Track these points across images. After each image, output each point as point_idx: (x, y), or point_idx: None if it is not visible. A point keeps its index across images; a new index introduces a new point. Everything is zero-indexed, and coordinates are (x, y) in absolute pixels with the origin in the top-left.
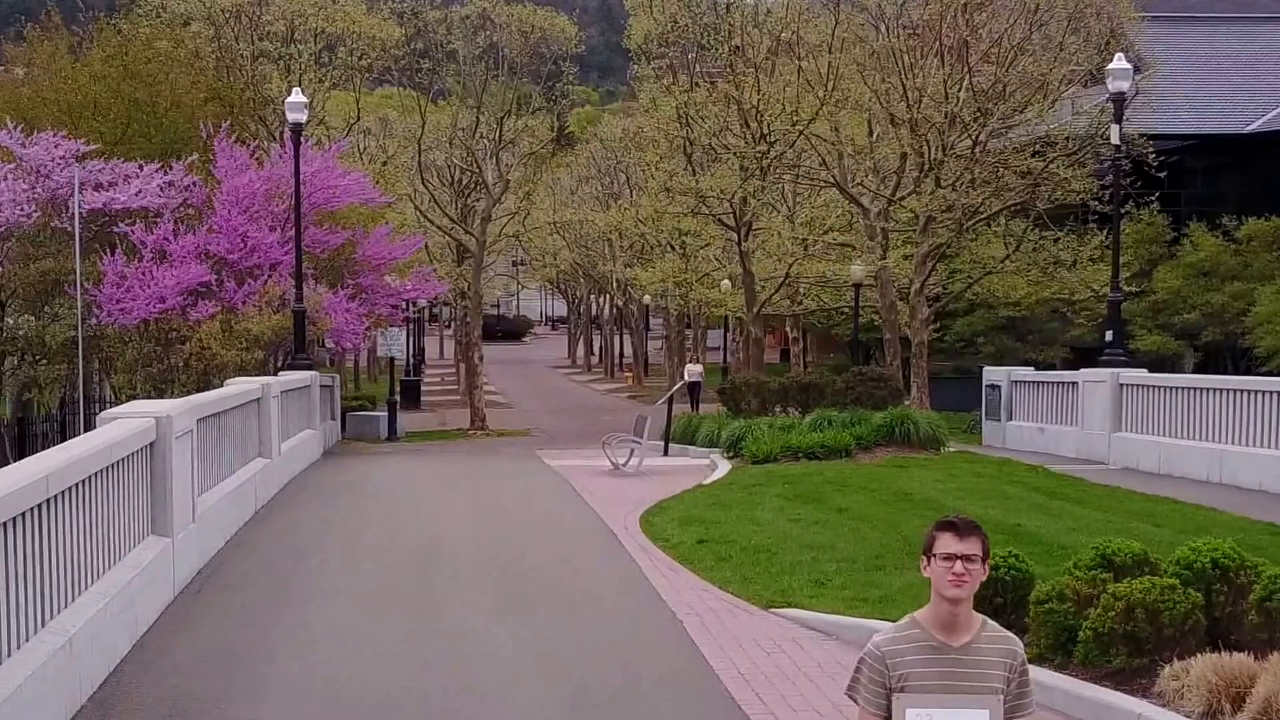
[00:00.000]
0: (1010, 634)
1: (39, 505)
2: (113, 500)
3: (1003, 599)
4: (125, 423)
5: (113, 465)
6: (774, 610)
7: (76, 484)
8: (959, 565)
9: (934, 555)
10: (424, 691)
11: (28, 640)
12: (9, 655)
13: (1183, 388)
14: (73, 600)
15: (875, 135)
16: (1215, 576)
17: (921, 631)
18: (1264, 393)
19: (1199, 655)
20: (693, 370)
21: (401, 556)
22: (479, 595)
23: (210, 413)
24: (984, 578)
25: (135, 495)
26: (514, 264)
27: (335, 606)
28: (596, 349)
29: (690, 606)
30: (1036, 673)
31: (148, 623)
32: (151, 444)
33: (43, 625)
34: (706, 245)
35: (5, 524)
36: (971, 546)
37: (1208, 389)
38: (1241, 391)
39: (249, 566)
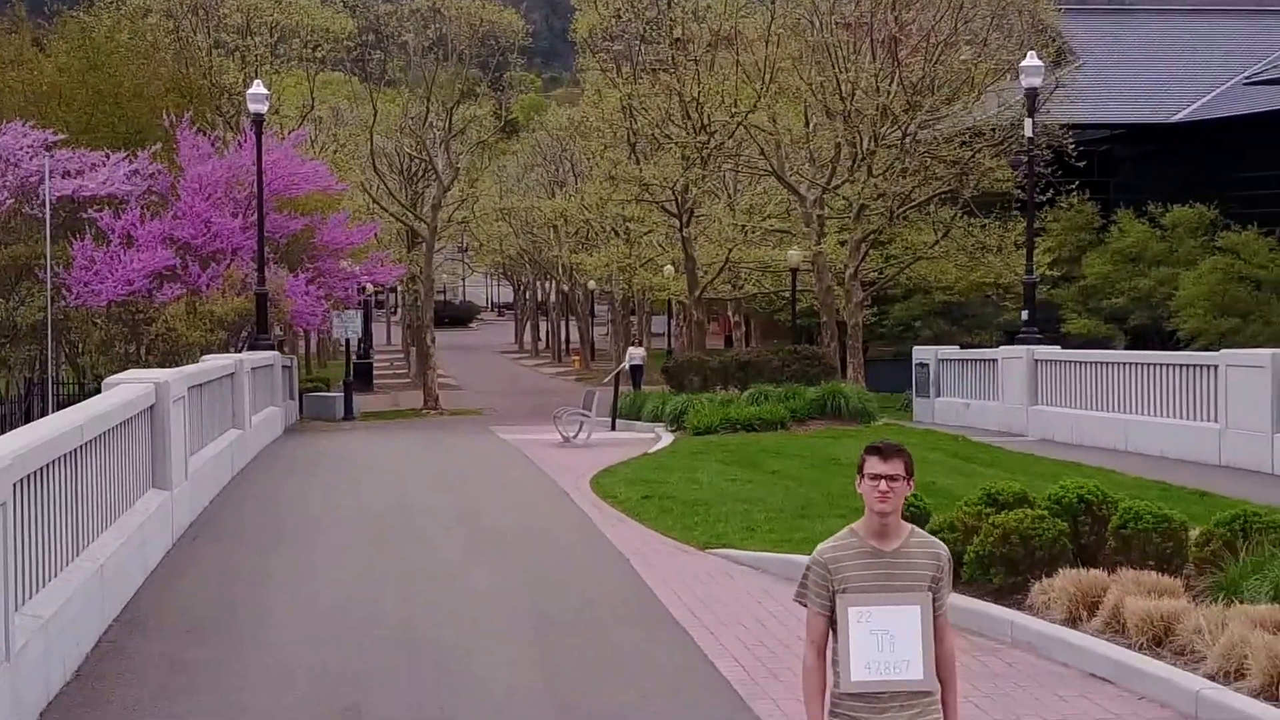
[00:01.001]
0: (936, 539)
1: (74, 450)
2: (125, 453)
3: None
4: (131, 386)
5: (125, 423)
6: (710, 550)
7: (100, 435)
8: (883, 484)
9: (864, 475)
10: (407, 615)
11: (68, 564)
12: (57, 575)
13: (1091, 362)
14: (99, 536)
15: (811, 126)
16: (1081, 509)
17: (858, 540)
18: (1163, 366)
19: (1062, 572)
20: (635, 353)
21: (376, 512)
22: (449, 543)
23: (197, 382)
24: (908, 493)
25: (141, 451)
26: (460, 250)
27: (320, 551)
28: (543, 334)
29: (636, 549)
30: None
31: (155, 562)
32: (152, 407)
33: (78, 554)
34: (650, 231)
35: (52, 463)
36: (895, 468)
37: (1114, 363)
38: (1144, 365)
39: (237, 520)
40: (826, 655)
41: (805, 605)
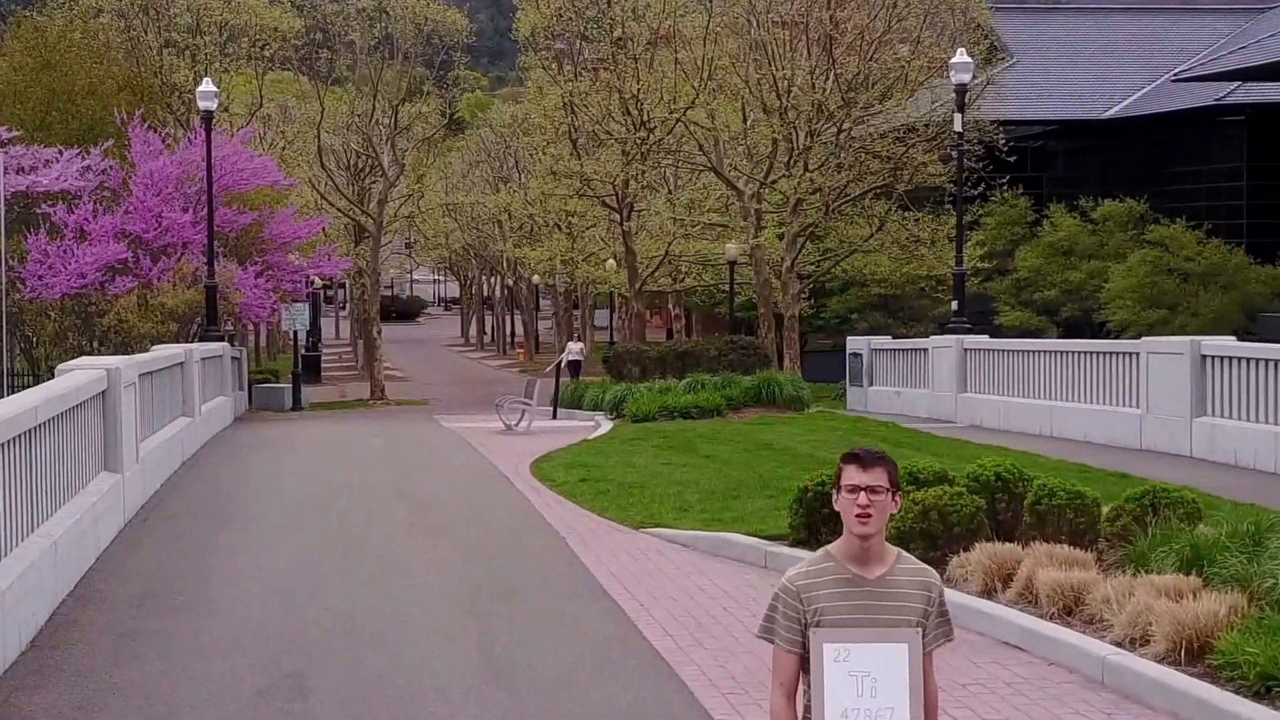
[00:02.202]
0: (926, 566)
1: (30, 430)
2: (78, 435)
3: (829, 509)
4: (84, 372)
5: (78, 406)
6: (643, 530)
7: (54, 417)
8: (863, 497)
9: (840, 488)
10: (349, 589)
11: (23, 541)
12: (12, 551)
13: (1018, 351)
14: (52, 514)
15: (749, 122)
16: (998, 487)
17: (835, 564)
18: (1088, 354)
19: (979, 546)
20: (573, 348)
21: (322, 494)
22: (391, 521)
23: (147, 370)
24: (895, 509)
25: (93, 434)
26: (406, 245)
27: (267, 529)
28: (489, 328)
29: (572, 528)
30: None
31: (107, 541)
32: (104, 392)
33: (33, 531)
34: (592, 226)
35: (7, 443)
36: (876, 477)
37: (1040, 351)
38: (1069, 353)
39: (187, 502)
40: (797, 700)
41: (771, 641)
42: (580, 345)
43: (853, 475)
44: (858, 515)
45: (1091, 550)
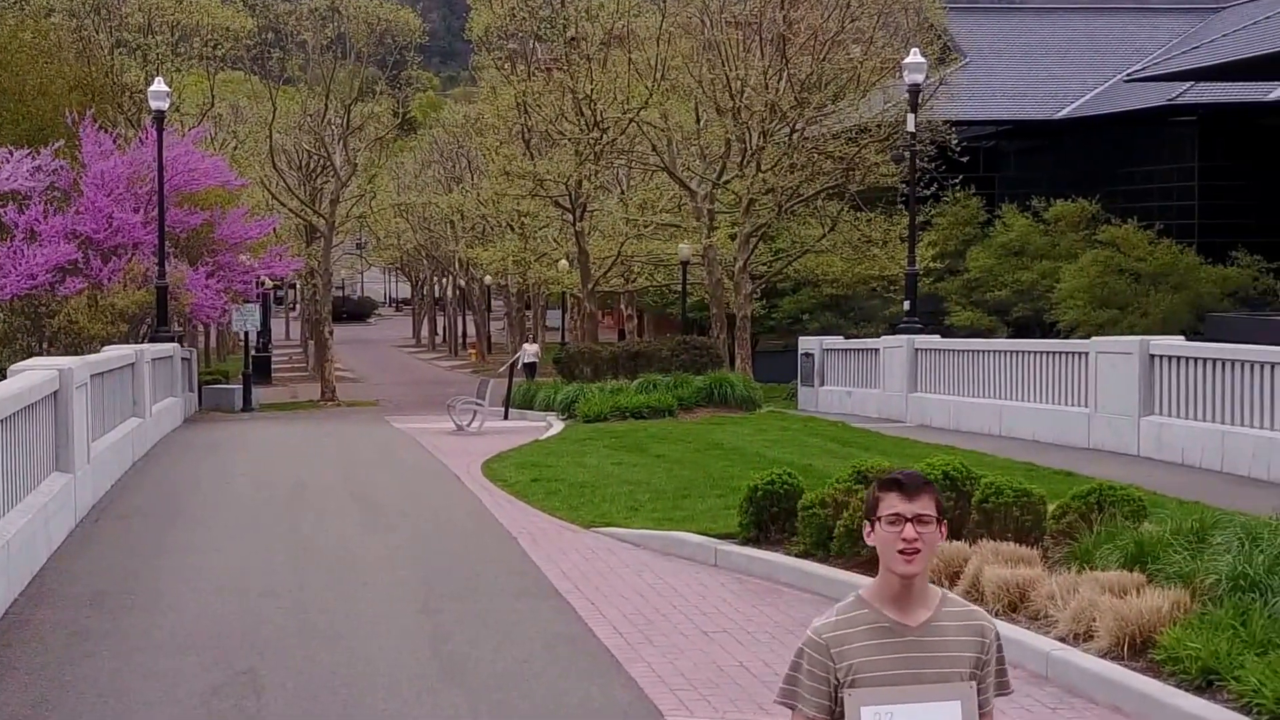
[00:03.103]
0: (977, 608)
1: None
2: (30, 435)
3: (778, 508)
4: (36, 372)
5: (30, 406)
6: (594, 529)
7: (6, 417)
8: (909, 529)
9: (878, 519)
10: (301, 587)
11: None
12: None
13: (969, 351)
14: (4, 514)
15: (702, 122)
16: (946, 485)
17: (870, 611)
18: (1037, 354)
19: None
20: (529, 350)
21: (274, 493)
22: (343, 520)
23: (99, 371)
24: (941, 541)
25: (45, 434)
26: (358, 246)
27: (220, 528)
28: (440, 328)
29: (523, 527)
30: (803, 565)
31: (59, 541)
32: (56, 392)
33: None
34: (545, 226)
35: None
36: (924, 505)
37: (990, 351)
38: (1018, 353)
39: (138, 502)
40: None
41: (792, 708)
42: (536, 347)
43: (895, 503)
44: (902, 551)
45: (1037, 547)
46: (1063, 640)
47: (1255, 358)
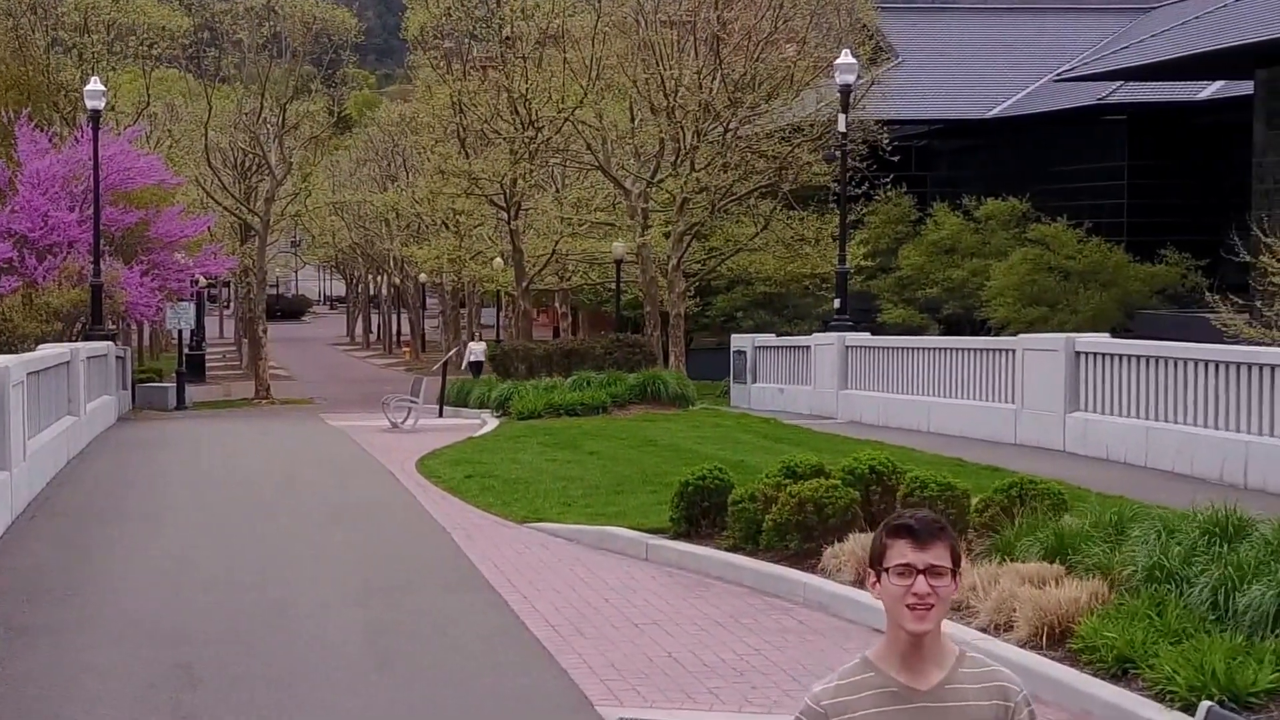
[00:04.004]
0: (1000, 667)
1: None
2: None
3: (709, 502)
4: None
5: None
6: (527, 524)
7: None
8: (921, 582)
9: (886, 569)
10: (237, 582)
11: None
12: None
13: (898, 348)
14: None
15: (637, 121)
16: (873, 479)
17: (877, 675)
18: (965, 351)
19: (853, 537)
20: (475, 348)
21: (212, 488)
22: (277, 516)
23: (35, 369)
24: (955, 594)
25: None
26: (293, 244)
27: (155, 524)
28: (375, 326)
29: (457, 523)
30: (732, 558)
31: None
32: None
33: None
34: (480, 224)
35: None
36: (937, 555)
37: (919, 349)
38: (947, 350)
39: (75, 499)
40: None
41: None
42: (483, 345)
43: (905, 552)
44: (912, 607)
45: (961, 540)
46: (984, 630)
47: (1178, 355)
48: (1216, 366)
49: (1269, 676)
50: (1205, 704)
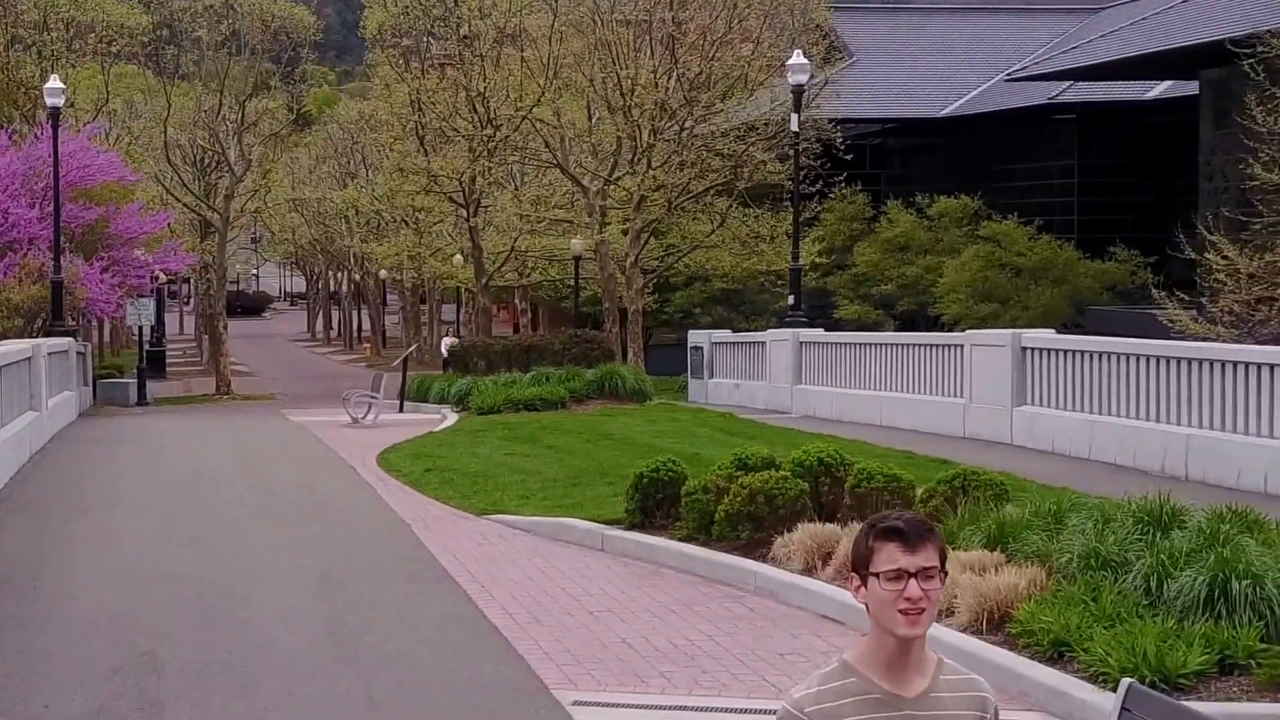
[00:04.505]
0: (976, 676)
1: None
2: None
3: (663, 494)
4: None
5: None
6: (486, 516)
7: None
8: (913, 586)
9: (875, 574)
10: (200, 573)
11: None
12: None
13: (851, 344)
14: None
15: (594, 120)
16: (821, 471)
17: (859, 681)
18: (916, 346)
19: (801, 527)
20: (447, 343)
21: (175, 482)
22: (242, 507)
23: None
24: (942, 596)
25: None
26: (253, 240)
27: (119, 518)
28: (335, 322)
29: (418, 515)
30: (685, 548)
31: None
32: None
33: None
34: (439, 222)
35: None
36: (927, 557)
37: (871, 344)
38: (898, 346)
39: (37, 494)
40: None
41: None
42: (456, 340)
43: (895, 555)
44: (904, 612)
45: None
46: None
47: (1121, 350)
48: (1158, 361)
49: (1198, 658)
50: (1126, 681)
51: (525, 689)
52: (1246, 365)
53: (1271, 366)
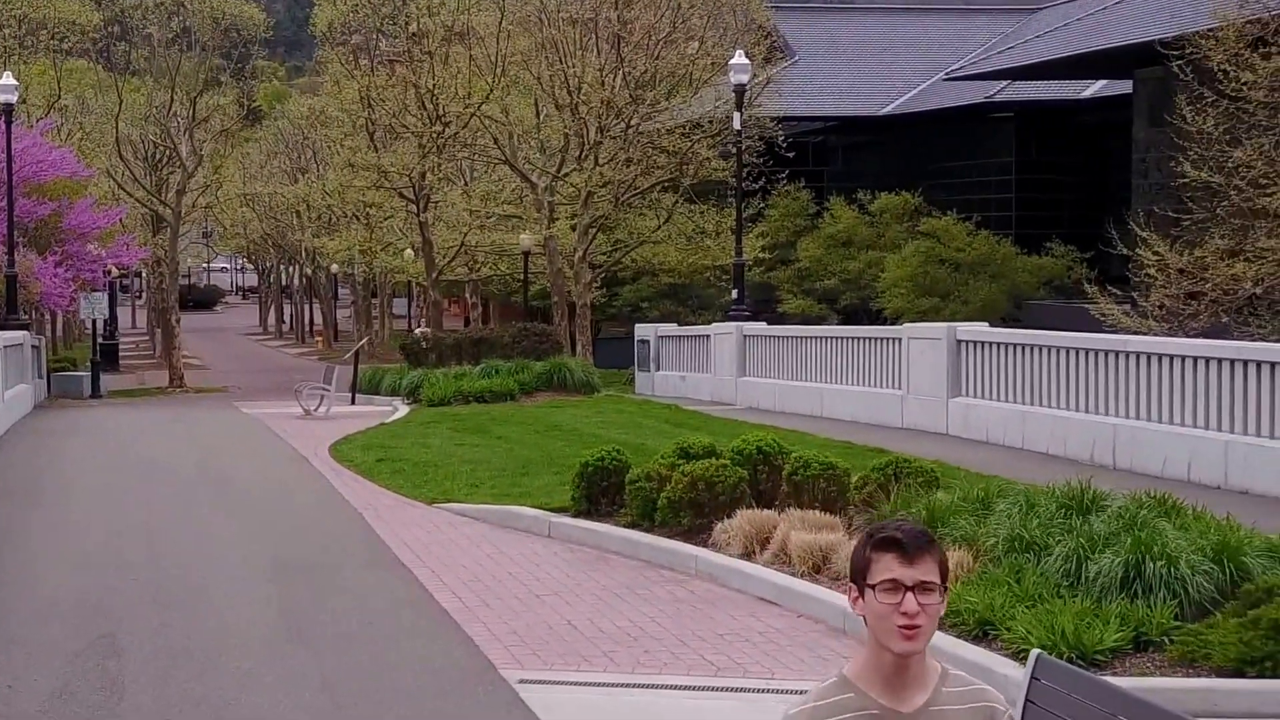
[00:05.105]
0: (985, 686)
1: None
2: None
3: (608, 482)
4: None
5: None
6: (436, 505)
7: None
8: (909, 600)
9: (872, 586)
10: (157, 560)
11: None
12: None
13: (793, 337)
14: None
15: (542, 117)
16: (760, 459)
17: (857, 697)
18: (855, 339)
19: (741, 513)
20: (420, 333)
21: (127, 475)
22: (196, 498)
23: None
24: (943, 611)
25: None
26: (204, 235)
27: (77, 508)
28: (287, 316)
29: (369, 504)
30: (629, 534)
31: None
32: None
33: None
34: (390, 217)
35: None
36: (926, 570)
37: (812, 338)
38: (838, 339)
39: None
40: None
41: None
42: (428, 331)
43: (892, 567)
44: (902, 627)
45: (842, 515)
46: None
47: (1051, 343)
48: (1086, 354)
49: (1113, 636)
50: (1035, 652)
51: (473, 668)
52: (1171, 358)
53: (1193, 359)
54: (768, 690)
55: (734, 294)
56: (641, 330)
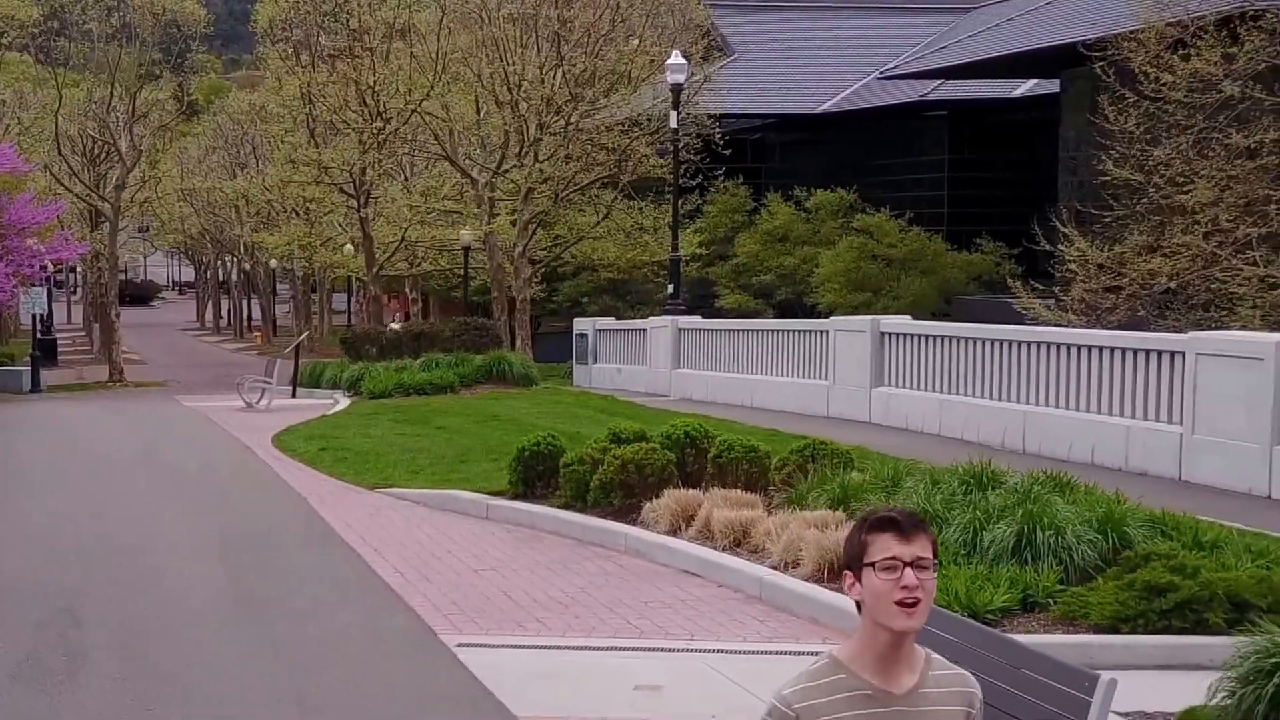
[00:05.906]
0: (961, 670)
1: None
2: None
3: (543, 466)
4: None
5: None
6: (378, 490)
7: None
8: (908, 575)
9: (870, 565)
10: (108, 543)
11: None
12: None
13: (726, 330)
14: None
15: (482, 114)
16: (687, 443)
17: (849, 677)
18: (785, 332)
19: (668, 493)
20: (395, 328)
21: (78, 463)
22: (146, 485)
23: None
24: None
25: None
26: (141, 230)
27: (27, 496)
28: (225, 311)
29: (313, 490)
30: (562, 514)
31: None
32: None
33: None
34: (330, 212)
35: None
36: (921, 547)
37: (744, 331)
38: (769, 331)
39: None
40: None
41: None
42: (398, 326)
43: (890, 545)
44: (901, 602)
45: (762, 494)
46: (775, 568)
47: (967, 335)
48: (999, 345)
49: (1002, 597)
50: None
51: (415, 634)
52: (1078, 348)
53: (1098, 349)
54: (688, 650)
55: (670, 289)
56: (579, 324)
